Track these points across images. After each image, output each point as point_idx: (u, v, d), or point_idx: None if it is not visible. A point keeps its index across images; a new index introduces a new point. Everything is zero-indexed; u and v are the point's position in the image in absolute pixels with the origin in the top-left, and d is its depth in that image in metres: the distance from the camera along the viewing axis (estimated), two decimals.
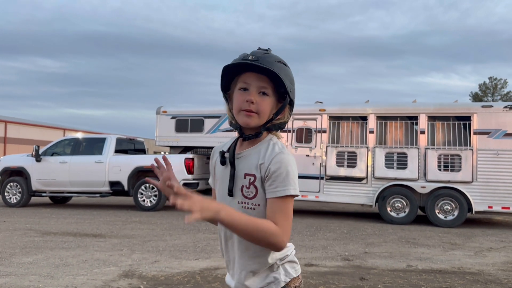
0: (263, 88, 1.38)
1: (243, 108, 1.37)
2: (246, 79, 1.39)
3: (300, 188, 4.74)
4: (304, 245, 6.82)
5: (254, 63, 1.34)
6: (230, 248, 1.44)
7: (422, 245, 7.07)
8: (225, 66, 1.40)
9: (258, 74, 1.38)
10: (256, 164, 1.37)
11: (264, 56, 1.37)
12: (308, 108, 10.85)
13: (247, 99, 1.37)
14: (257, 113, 1.38)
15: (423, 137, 9.78)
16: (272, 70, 1.34)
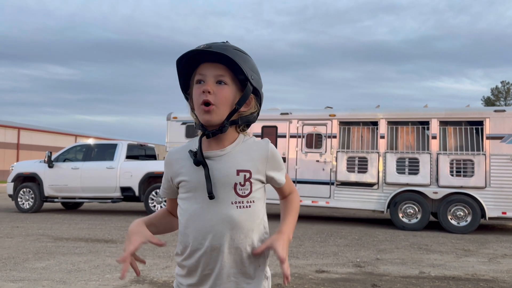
0: (220, 76, 1.28)
1: (201, 101, 1.27)
2: (201, 71, 1.29)
3: (310, 193, 4.76)
4: (315, 251, 6.78)
5: (206, 49, 1.25)
6: (213, 259, 1.30)
7: (435, 252, 6.98)
8: (177, 60, 1.29)
9: (213, 63, 1.28)
10: (248, 159, 1.31)
11: (217, 44, 1.28)
12: (318, 113, 10.83)
13: (203, 89, 1.27)
14: (216, 104, 1.27)
15: (435, 142, 9.69)
16: (226, 55, 1.24)
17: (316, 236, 8.34)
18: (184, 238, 1.34)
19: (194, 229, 1.30)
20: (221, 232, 1.29)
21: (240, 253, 1.30)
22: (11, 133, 34.67)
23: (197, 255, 1.30)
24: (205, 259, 1.30)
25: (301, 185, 10.55)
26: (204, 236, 1.29)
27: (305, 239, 7.95)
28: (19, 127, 35.86)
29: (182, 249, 1.35)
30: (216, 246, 1.28)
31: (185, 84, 1.35)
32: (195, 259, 1.31)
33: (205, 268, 1.30)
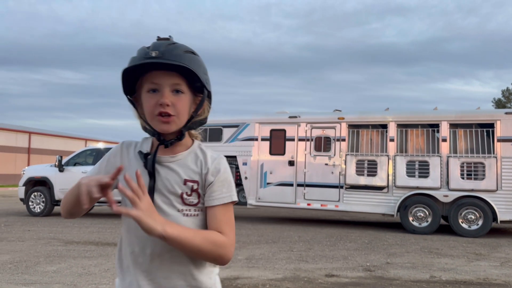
0: (176, 85, 1.21)
1: (157, 113, 1.19)
2: (153, 79, 1.20)
3: (319, 197, 4.73)
4: (325, 255, 6.76)
5: (159, 61, 1.16)
6: (155, 268, 1.21)
7: (446, 256, 6.92)
8: (124, 70, 1.20)
9: (167, 72, 1.20)
10: (197, 170, 1.25)
11: (169, 49, 1.19)
12: (327, 116, 10.81)
13: (161, 102, 1.18)
14: (176, 115, 1.21)
15: (445, 145, 9.61)
16: (184, 65, 1.18)
17: (325, 240, 8.31)
18: (125, 246, 1.25)
19: (135, 235, 1.22)
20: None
21: (186, 264, 1.22)
22: (22, 138, 35.07)
23: (141, 261, 1.22)
24: (147, 267, 1.21)
25: (310, 188, 10.52)
26: (145, 244, 1.20)
27: (314, 243, 7.92)
28: (30, 131, 36.26)
29: (123, 257, 1.27)
30: (157, 253, 1.20)
31: (130, 89, 1.27)
32: (138, 264, 1.22)
33: (147, 276, 1.22)
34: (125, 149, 1.30)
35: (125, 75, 1.22)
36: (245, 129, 11.30)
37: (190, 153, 1.28)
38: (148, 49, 1.20)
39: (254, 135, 11.19)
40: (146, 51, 1.19)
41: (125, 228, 1.27)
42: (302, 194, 10.57)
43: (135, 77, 1.24)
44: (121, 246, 1.28)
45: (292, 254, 6.77)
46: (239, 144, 11.30)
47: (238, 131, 11.41)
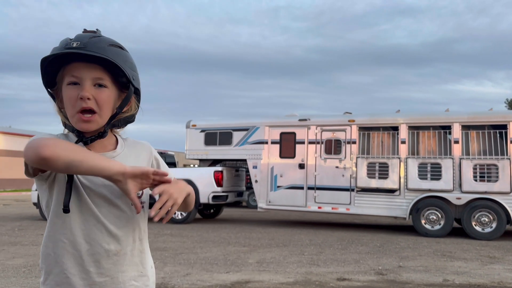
0: (99, 79, 1.16)
1: (78, 109, 1.14)
2: (74, 71, 1.15)
3: (330, 200, 4.71)
4: (336, 259, 6.72)
5: (80, 51, 1.11)
6: (115, 264, 1.22)
7: (459, 259, 6.83)
8: (43, 59, 1.14)
9: (88, 64, 1.15)
10: (139, 160, 1.29)
11: (93, 41, 1.14)
12: (337, 119, 10.77)
13: (81, 95, 1.13)
14: (97, 111, 1.16)
15: (457, 146, 9.51)
16: (106, 57, 1.13)
17: (336, 244, 8.26)
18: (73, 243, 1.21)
19: (97, 232, 1.22)
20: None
21: (138, 255, 1.29)
22: None
23: (97, 260, 1.22)
24: (103, 266, 1.21)
25: (320, 191, 10.48)
26: (110, 240, 1.23)
27: (325, 247, 7.88)
28: None
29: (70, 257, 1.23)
30: (115, 250, 1.23)
31: (50, 81, 1.21)
32: (91, 265, 1.21)
33: (101, 276, 1.21)
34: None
35: (44, 66, 1.16)
36: (255, 132, 11.32)
37: (123, 146, 1.29)
38: (70, 40, 1.14)
39: (264, 138, 11.20)
40: (67, 41, 1.14)
41: (79, 227, 1.19)
42: (313, 197, 10.54)
43: (56, 69, 1.19)
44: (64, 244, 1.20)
45: (303, 258, 6.75)
46: (249, 148, 11.31)
47: (248, 134, 11.42)
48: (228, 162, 13.13)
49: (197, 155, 12.12)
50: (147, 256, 1.33)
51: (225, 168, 11.58)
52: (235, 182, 12.00)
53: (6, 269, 5.77)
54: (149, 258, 1.35)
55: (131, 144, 1.32)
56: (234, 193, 11.80)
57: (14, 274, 5.51)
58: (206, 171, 11.20)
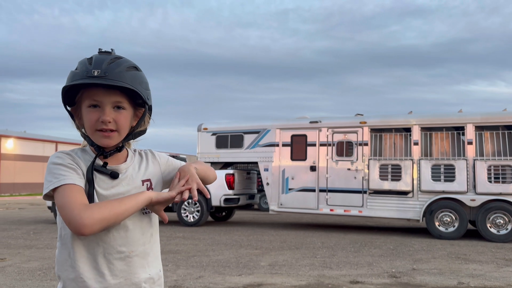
0: (118, 102, 1.25)
1: (98, 129, 1.24)
2: (94, 96, 1.23)
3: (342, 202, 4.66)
4: (349, 262, 6.68)
5: (102, 82, 1.19)
6: (127, 265, 1.28)
7: (474, 261, 6.74)
8: (65, 87, 1.23)
9: (108, 90, 1.23)
10: (148, 169, 1.38)
11: (111, 68, 1.21)
12: (348, 121, 10.72)
13: (102, 119, 1.23)
14: (117, 130, 1.26)
15: (471, 147, 9.40)
16: (126, 86, 1.22)
17: (349, 246, 8.21)
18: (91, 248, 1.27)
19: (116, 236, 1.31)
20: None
21: (147, 258, 1.34)
22: (50, 147, 36.01)
23: (111, 263, 1.27)
24: (120, 268, 1.27)
25: (332, 193, 10.44)
26: (121, 242, 1.29)
27: (338, 249, 7.84)
28: (57, 141, 37.19)
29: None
30: (128, 253, 1.29)
31: (70, 99, 1.29)
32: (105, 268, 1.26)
33: (115, 278, 1.27)
34: (77, 161, 1.29)
35: (65, 91, 1.24)
36: (266, 135, 11.32)
37: (133, 157, 1.38)
38: (90, 65, 1.22)
39: (275, 140, 11.19)
40: (88, 68, 1.21)
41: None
42: (325, 199, 10.50)
43: (76, 90, 1.27)
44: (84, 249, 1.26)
45: (315, 261, 6.72)
46: (260, 150, 11.31)
47: (259, 137, 11.43)
48: (239, 165, 13.15)
49: (209, 158, 12.16)
50: (156, 259, 1.39)
51: (236, 171, 11.59)
52: (247, 185, 12.01)
53: (21, 272, 5.85)
54: (159, 262, 1.40)
55: (138, 155, 1.42)
56: (245, 195, 11.81)
57: (29, 277, 5.59)
58: (217, 174, 11.20)
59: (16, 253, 7.33)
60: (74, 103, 1.30)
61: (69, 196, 1.18)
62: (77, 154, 1.31)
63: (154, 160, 1.42)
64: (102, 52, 1.27)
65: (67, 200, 1.18)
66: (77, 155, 1.30)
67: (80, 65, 1.24)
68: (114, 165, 1.31)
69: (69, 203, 1.17)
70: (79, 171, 1.26)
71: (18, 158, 32.82)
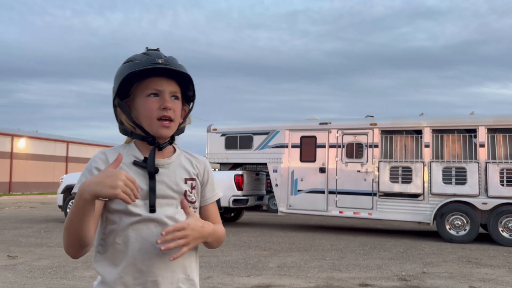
0: (175, 92, 1.30)
1: (159, 116, 1.26)
2: (155, 85, 1.27)
3: (352, 204, 4.64)
4: (358, 264, 6.63)
5: (169, 67, 1.25)
6: (151, 267, 1.25)
7: (485, 265, 6.65)
8: (131, 72, 1.23)
9: (167, 79, 1.28)
10: (192, 170, 1.36)
11: (170, 58, 1.28)
12: (358, 122, 10.66)
13: (164, 105, 1.26)
14: (174, 120, 1.30)
15: (483, 150, 9.28)
16: (188, 73, 1.28)
17: (358, 249, 8.16)
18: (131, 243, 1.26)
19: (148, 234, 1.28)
20: None
21: (185, 259, 1.31)
22: (61, 147, 36.37)
23: (140, 261, 1.25)
24: (147, 266, 1.25)
25: (342, 195, 10.38)
26: (147, 240, 1.25)
27: (347, 252, 7.79)
28: (68, 140, 37.56)
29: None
30: (155, 252, 1.25)
31: (124, 93, 1.30)
32: (137, 266, 1.25)
33: (143, 277, 1.24)
34: (111, 160, 1.26)
35: (124, 78, 1.25)
36: (275, 136, 11.30)
37: (180, 156, 1.37)
38: (149, 56, 1.26)
39: (284, 142, 11.17)
40: (149, 58, 1.25)
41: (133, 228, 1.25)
42: (334, 201, 10.44)
43: (131, 83, 1.28)
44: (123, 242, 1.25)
45: (324, 263, 6.69)
46: (270, 151, 11.30)
47: (268, 138, 11.42)
48: (248, 166, 13.14)
49: (218, 159, 12.18)
50: (194, 261, 1.37)
51: (245, 171, 11.59)
52: (256, 186, 12.00)
53: (32, 270, 5.91)
54: (196, 264, 1.39)
55: (187, 155, 1.40)
56: (254, 196, 11.80)
57: (40, 275, 5.64)
58: (226, 175, 11.23)
59: (27, 251, 7.41)
60: (127, 96, 1.31)
61: None
62: (121, 150, 1.29)
63: (199, 165, 1.40)
64: (150, 49, 1.31)
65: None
66: (118, 152, 1.27)
67: (137, 56, 1.28)
68: (156, 160, 1.30)
69: None
70: None
71: (30, 157, 33.20)
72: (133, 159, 1.28)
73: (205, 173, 1.39)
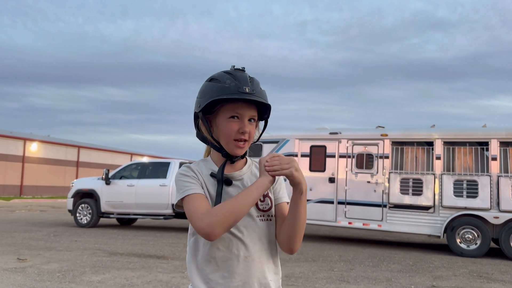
0: (253, 116, 1.43)
1: (236, 138, 1.39)
2: (238, 109, 1.39)
3: (361, 216, 4.56)
4: (367, 276, 6.57)
5: (255, 98, 1.37)
6: (245, 268, 1.37)
7: (497, 281, 6.54)
8: (217, 100, 1.37)
9: (250, 104, 1.40)
10: None
11: (255, 85, 1.39)
12: (369, 133, 10.62)
13: (243, 130, 1.39)
14: (248, 141, 1.42)
15: (495, 163, 9.17)
16: (269, 105, 1.42)
17: (367, 261, 8.08)
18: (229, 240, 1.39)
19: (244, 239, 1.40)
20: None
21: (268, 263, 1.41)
22: (72, 151, 36.73)
23: (233, 263, 1.37)
24: (240, 268, 1.36)
25: (351, 206, 10.31)
26: (237, 241, 1.38)
27: (356, 263, 7.72)
28: (79, 145, 37.93)
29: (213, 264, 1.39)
30: (247, 253, 1.38)
31: (207, 109, 1.42)
32: (230, 267, 1.36)
33: (234, 279, 1.36)
34: (196, 170, 1.44)
35: (213, 102, 1.38)
36: (285, 145, 11.30)
37: (250, 166, 1.50)
38: (237, 81, 1.37)
39: (294, 151, 11.16)
40: (238, 85, 1.36)
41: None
42: (343, 212, 10.38)
43: (216, 102, 1.40)
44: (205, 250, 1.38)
45: (332, 274, 6.64)
46: None
47: (278, 147, 11.41)
48: None
49: None
50: (273, 264, 1.43)
51: None
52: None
53: (41, 273, 5.95)
54: (276, 266, 1.45)
55: (258, 165, 1.47)
56: None
57: (49, 278, 5.67)
58: None
59: (36, 254, 7.46)
60: (211, 113, 1.43)
61: (192, 207, 1.33)
62: (199, 165, 1.46)
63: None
64: (237, 69, 1.43)
65: (190, 211, 1.33)
66: (198, 166, 1.45)
67: (225, 78, 1.39)
68: (229, 173, 1.43)
69: (192, 213, 1.32)
70: (199, 181, 1.40)
71: (42, 161, 33.56)
72: (210, 171, 1.43)
73: (275, 182, 1.47)
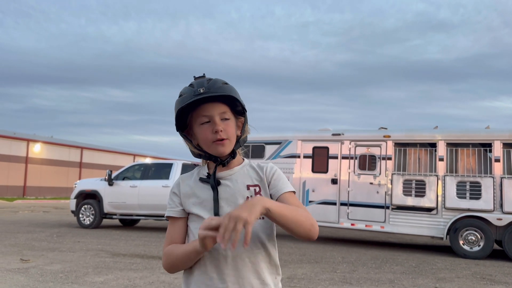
0: (223, 114, 1.42)
1: (214, 140, 1.40)
2: (204, 112, 1.41)
3: (363, 217, 4.59)
4: (370, 278, 6.55)
5: (209, 95, 1.37)
6: (234, 268, 1.35)
7: (500, 283, 6.52)
8: (180, 109, 1.40)
9: (213, 103, 1.41)
10: (255, 177, 1.45)
11: (211, 84, 1.40)
12: (372, 134, 10.60)
13: (215, 129, 1.40)
14: (228, 138, 1.41)
15: (498, 165, 9.15)
16: (228, 94, 1.40)
17: (370, 262, 8.07)
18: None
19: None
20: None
21: (259, 264, 1.37)
22: (75, 152, 36.82)
23: (222, 265, 1.36)
24: (231, 271, 1.35)
25: (354, 208, 10.30)
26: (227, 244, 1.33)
27: (359, 265, 7.71)
28: (82, 146, 38.00)
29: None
30: (236, 254, 1.35)
31: (182, 125, 1.48)
32: (219, 270, 1.36)
33: (225, 282, 1.34)
34: (183, 181, 1.50)
35: (178, 115, 1.43)
36: (287, 146, 11.29)
37: (244, 166, 1.48)
38: (193, 87, 1.39)
39: (296, 152, 11.15)
40: (193, 90, 1.39)
41: None
42: (346, 213, 10.36)
43: (186, 114, 1.45)
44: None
45: (335, 275, 6.63)
46: (281, 161, 11.27)
47: (280, 148, 11.41)
48: None
49: None
50: (270, 266, 1.41)
51: None
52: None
53: (44, 274, 5.97)
54: (273, 266, 1.41)
55: (255, 166, 1.49)
56: None
57: (51, 279, 5.69)
58: None
59: (39, 255, 7.48)
60: (186, 127, 1.48)
61: (167, 232, 1.46)
62: (193, 174, 1.51)
63: (263, 170, 1.47)
64: (197, 77, 1.46)
65: (166, 236, 1.46)
66: (191, 175, 1.50)
67: (185, 90, 1.43)
68: (219, 172, 1.45)
69: (165, 240, 1.46)
70: (179, 197, 1.47)
71: (45, 162, 33.64)
72: (200, 178, 1.46)
73: (270, 172, 1.46)
